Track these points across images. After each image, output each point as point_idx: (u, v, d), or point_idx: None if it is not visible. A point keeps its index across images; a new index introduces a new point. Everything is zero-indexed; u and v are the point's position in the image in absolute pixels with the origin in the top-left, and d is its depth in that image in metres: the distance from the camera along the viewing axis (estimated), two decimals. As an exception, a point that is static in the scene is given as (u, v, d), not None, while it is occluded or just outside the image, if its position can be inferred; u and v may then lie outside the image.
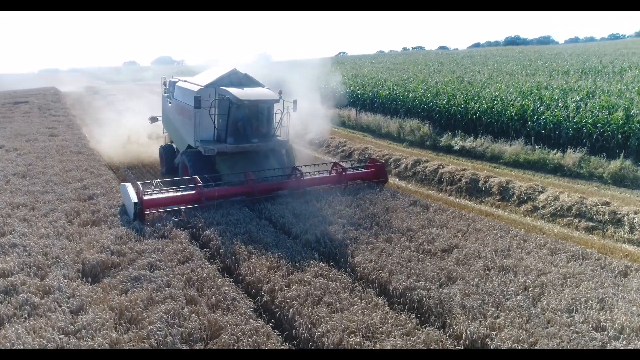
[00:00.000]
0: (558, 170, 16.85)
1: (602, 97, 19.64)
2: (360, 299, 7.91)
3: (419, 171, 17.44)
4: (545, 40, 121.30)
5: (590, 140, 17.40)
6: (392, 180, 17.00)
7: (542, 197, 13.73)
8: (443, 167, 17.03)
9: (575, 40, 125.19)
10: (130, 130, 21.76)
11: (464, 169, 16.46)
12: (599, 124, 17.37)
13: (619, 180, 15.34)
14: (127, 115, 25.63)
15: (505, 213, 13.70)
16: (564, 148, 17.62)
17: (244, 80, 14.24)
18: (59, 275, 8.65)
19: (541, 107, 19.58)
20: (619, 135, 16.69)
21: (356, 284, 8.41)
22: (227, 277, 8.89)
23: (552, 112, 18.92)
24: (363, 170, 15.64)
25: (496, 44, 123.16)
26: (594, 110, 18.21)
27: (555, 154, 17.40)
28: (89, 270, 9.08)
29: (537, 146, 18.14)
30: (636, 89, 20.77)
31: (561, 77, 26.92)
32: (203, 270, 8.78)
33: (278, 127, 14.83)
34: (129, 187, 12.27)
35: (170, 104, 16.43)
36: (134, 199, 11.60)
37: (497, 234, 10.64)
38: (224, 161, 14.17)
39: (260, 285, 8.36)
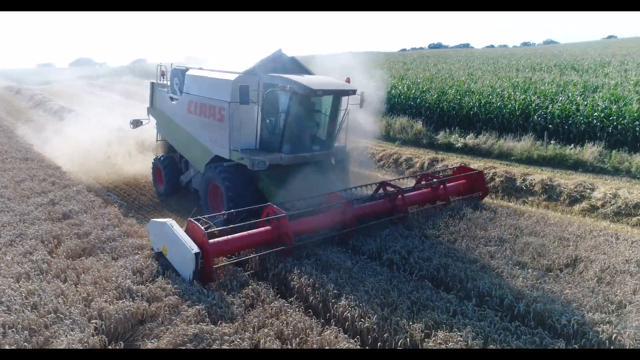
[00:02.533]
0: (579, 165, 15.49)
1: (605, 90, 18.77)
2: None
3: (438, 170, 15.40)
4: (465, 46, 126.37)
5: (606, 134, 16.30)
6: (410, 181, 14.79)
7: (597, 194, 12.16)
8: (467, 164, 15.10)
9: (491, 47, 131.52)
10: (96, 136, 17.79)
11: (493, 167, 14.65)
12: (612, 117, 16.32)
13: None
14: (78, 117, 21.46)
15: (558, 213, 11.96)
16: (577, 142, 16.41)
17: (290, 66, 10.17)
18: (74, 343, 5.45)
19: (546, 101, 18.33)
20: (637, 128, 15.69)
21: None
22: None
23: (559, 106, 17.70)
24: (458, 181, 11.63)
25: (420, 49, 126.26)
26: (601, 103, 17.21)
27: (571, 149, 16.10)
28: (113, 330, 5.93)
29: (552, 141, 16.76)
30: (632, 82, 20.25)
31: (538, 73, 26.31)
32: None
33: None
34: (173, 226, 7.50)
35: (174, 102, 11.72)
36: (193, 246, 7.02)
37: (609, 240, 8.73)
38: (269, 178, 9.80)
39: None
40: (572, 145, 16.26)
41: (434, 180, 10.74)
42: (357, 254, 8.24)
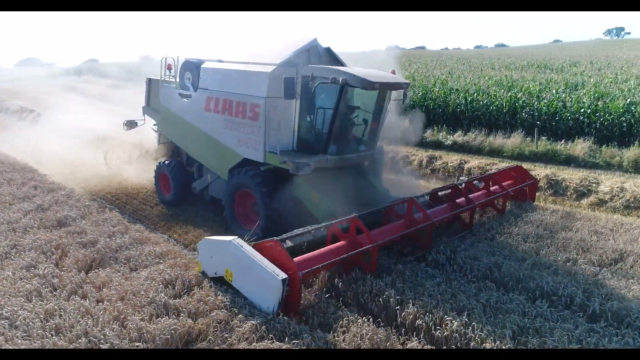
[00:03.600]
0: (571, 161, 15.61)
1: (587, 87, 19.14)
2: None
3: (438, 168, 15.13)
4: (421, 48, 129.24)
5: (594, 130, 16.54)
6: (415, 180, 14.39)
7: (604, 189, 12.15)
8: (466, 162, 14.90)
9: (446, 49, 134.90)
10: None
11: (494, 164, 14.49)
12: (599, 113, 16.59)
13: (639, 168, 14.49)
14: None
15: (566, 208, 11.83)
16: (567, 139, 16.57)
17: (325, 57, 8.97)
18: (121, 372, 4.57)
19: (532, 99, 18.47)
20: (624, 124, 16.01)
21: None
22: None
23: (546, 103, 17.86)
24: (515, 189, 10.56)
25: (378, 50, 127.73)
26: (585, 100, 17.49)
27: (562, 145, 16.23)
28: (161, 352, 5.06)
29: (542, 138, 16.84)
30: (609, 80, 20.77)
31: (514, 72, 26.69)
32: None
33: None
34: (243, 246, 6.13)
35: (186, 99, 10.22)
36: (277, 271, 5.70)
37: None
38: (308, 183, 8.44)
39: None
40: (562, 141, 16.39)
41: (506, 191, 9.88)
42: (401, 255, 7.66)
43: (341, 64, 9.13)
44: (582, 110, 16.96)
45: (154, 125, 12.02)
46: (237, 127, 8.92)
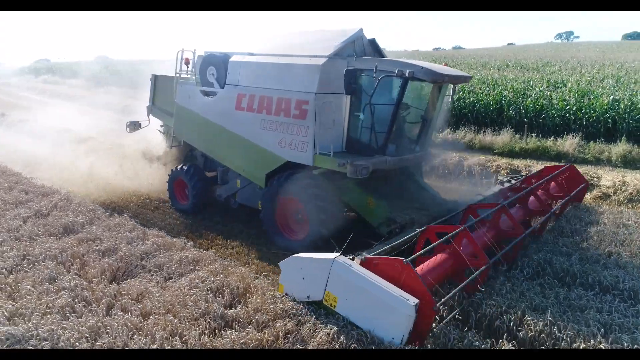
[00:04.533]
0: (561, 157, 15.87)
1: (569, 86, 19.61)
2: None
3: (437, 165, 15.00)
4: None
5: (580, 126, 16.93)
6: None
7: (605, 182, 12.38)
8: (465, 159, 14.88)
9: (405, 51, 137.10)
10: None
11: (494, 160, 14.54)
12: (584, 110, 17.01)
13: (629, 163, 14.90)
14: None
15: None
16: (557, 135, 16.90)
17: (368, 50, 8.11)
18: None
19: (518, 96, 18.75)
20: (609, 120, 16.47)
21: None
22: None
23: (532, 101, 18.16)
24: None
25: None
26: (569, 98, 17.90)
27: (551, 142, 16.52)
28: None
29: (532, 135, 17.08)
30: (588, 78, 21.38)
31: (491, 71, 27.09)
32: None
33: None
34: (352, 265, 5.17)
35: (210, 97, 9.20)
36: (406, 296, 4.78)
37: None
38: (360, 187, 7.81)
39: None
40: (552, 138, 16.68)
41: (569, 195, 9.48)
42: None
43: (383, 56, 8.42)
44: (567, 107, 17.33)
45: (161, 126, 11.18)
46: (278, 127, 8.00)
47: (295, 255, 5.69)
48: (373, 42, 8.22)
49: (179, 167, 10.18)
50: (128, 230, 8.07)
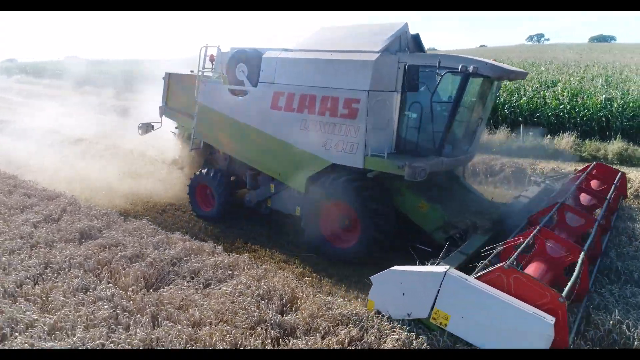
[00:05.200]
0: (558, 155, 16.05)
1: (561, 85, 19.92)
2: None
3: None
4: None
5: (575, 125, 17.20)
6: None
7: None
8: (469, 157, 14.88)
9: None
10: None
11: (497, 159, 14.59)
12: (578, 109, 17.29)
13: (625, 160, 15.20)
14: None
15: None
16: (552, 134, 17.11)
17: (412, 45, 7.61)
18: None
19: (512, 95, 18.94)
20: (603, 119, 16.78)
21: None
22: None
23: (526, 100, 18.37)
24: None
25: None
26: (562, 97, 18.18)
27: (548, 140, 16.71)
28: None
29: (530, 133, 17.25)
30: (577, 78, 21.76)
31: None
32: None
33: None
34: (468, 279, 4.65)
35: (241, 96, 8.58)
36: (541, 314, 4.27)
37: None
38: (411, 190, 7.47)
39: None
40: (548, 136, 16.88)
41: (621, 193, 9.35)
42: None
43: (424, 51, 8.00)
44: (561, 106, 17.58)
45: (175, 127, 10.63)
46: (322, 128, 7.46)
47: (392, 269, 5.13)
48: (416, 38, 7.77)
49: (202, 171, 9.48)
50: (150, 235, 7.64)
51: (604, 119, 16.76)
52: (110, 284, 5.88)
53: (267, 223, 9.26)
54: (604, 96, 17.44)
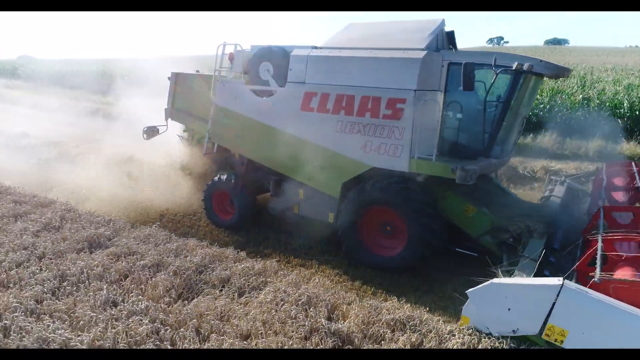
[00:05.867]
0: (542, 152, 16.52)
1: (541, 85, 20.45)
2: None
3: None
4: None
5: (554, 124, 17.71)
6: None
7: (600, 176, 12.92)
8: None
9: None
10: None
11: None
12: (556, 108, 17.83)
13: (604, 157, 15.75)
14: None
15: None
16: (534, 133, 17.56)
17: (446, 42, 7.34)
18: None
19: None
20: (582, 118, 17.36)
21: None
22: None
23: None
24: None
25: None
26: (542, 96, 18.71)
27: (531, 138, 17.13)
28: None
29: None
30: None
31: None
32: None
33: None
34: (589, 292, 4.32)
35: (266, 96, 8.04)
36: None
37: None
38: (457, 194, 7.13)
39: None
40: (531, 135, 17.30)
41: None
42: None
43: (457, 49, 7.64)
44: (541, 105, 18.06)
45: (184, 131, 10.03)
46: (361, 130, 6.99)
47: (495, 282, 4.72)
48: (450, 35, 7.40)
49: (220, 177, 8.83)
50: (164, 242, 7.22)
51: (581, 117, 17.34)
52: (139, 296, 5.47)
53: (276, 227, 8.89)
54: (580, 96, 18.04)
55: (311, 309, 5.19)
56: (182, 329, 4.83)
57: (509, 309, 4.56)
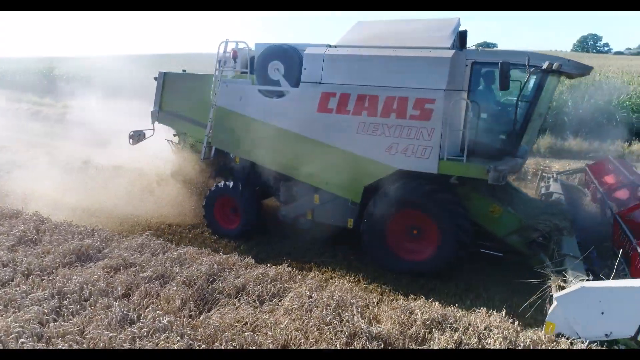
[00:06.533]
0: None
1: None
2: None
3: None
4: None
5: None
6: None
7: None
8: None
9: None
10: None
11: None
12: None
13: (555, 153, 16.79)
14: None
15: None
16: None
17: (460, 42, 7.26)
18: None
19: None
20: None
21: None
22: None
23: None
24: None
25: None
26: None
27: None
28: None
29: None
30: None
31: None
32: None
33: None
34: None
35: (276, 97, 7.51)
36: None
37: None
38: (481, 194, 7.02)
39: None
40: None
41: None
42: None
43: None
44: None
45: (174, 135, 9.27)
46: (386, 131, 6.69)
47: (585, 286, 4.56)
48: (463, 35, 7.25)
49: (226, 183, 8.15)
50: (161, 251, 6.75)
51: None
52: (157, 312, 5.03)
53: (272, 231, 8.52)
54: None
55: (346, 313, 5.02)
56: (216, 344, 4.49)
57: (602, 313, 4.49)
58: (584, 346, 4.48)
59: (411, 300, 5.70)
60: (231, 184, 8.08)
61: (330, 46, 7.29)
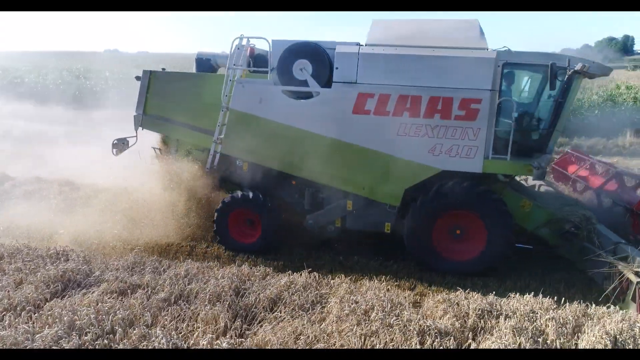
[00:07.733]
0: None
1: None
2: None
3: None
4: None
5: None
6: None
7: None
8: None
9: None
10: None
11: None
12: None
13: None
14: None
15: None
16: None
17: None
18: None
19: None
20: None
21: None
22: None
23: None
24: None
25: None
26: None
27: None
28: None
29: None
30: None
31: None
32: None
33: None
34: None
35: (303, 99, 6.90)
36: None
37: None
38: (512, 189, 7.22)
39: None
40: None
41: None
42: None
43: None
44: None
45: (164, 142, 8.02)
46: (429, 132, 6.56)
47: None
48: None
49: (244, 193, 7.33)
50: (163, 268, 6.03)
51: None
52: (210, 335, 4.45)
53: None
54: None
55: (404, 313, 4.92)
56: (293, 361, 4.11)
57: None
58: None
59: (451, 294, 5.71)
60: (250, 194, 7.28)
61: (359, 44, 6.93)
